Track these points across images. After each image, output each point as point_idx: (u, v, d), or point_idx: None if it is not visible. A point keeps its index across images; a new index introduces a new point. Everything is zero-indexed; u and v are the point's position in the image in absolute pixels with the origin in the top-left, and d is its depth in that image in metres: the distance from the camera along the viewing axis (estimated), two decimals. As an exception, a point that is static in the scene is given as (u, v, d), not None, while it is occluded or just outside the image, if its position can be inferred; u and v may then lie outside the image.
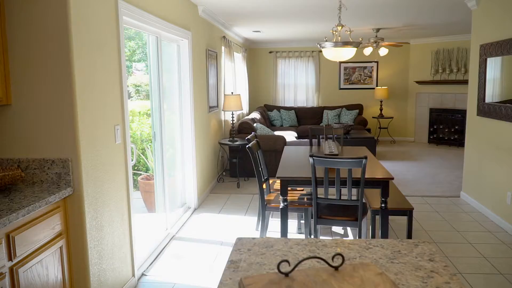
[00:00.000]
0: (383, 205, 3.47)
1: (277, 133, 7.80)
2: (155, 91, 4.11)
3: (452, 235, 4.32)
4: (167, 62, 4.51)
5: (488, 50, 4.70)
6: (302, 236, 4.32)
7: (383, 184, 3.43)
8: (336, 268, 1.24)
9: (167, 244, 4.12)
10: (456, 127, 9.39)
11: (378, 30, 7.74)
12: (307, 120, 10.03)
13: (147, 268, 3.60)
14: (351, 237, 4.28)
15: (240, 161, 6.42)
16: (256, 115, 8.34)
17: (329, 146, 4.15)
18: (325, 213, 3.55)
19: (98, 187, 2.75)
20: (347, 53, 3.84)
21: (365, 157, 3.21)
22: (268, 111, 9.91)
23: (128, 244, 3.22)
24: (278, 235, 4.30)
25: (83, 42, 2.55)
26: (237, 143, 6.28)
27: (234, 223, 4.70)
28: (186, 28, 4.81)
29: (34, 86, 2.46)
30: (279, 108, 10.10)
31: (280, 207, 3.56)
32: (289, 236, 4.24)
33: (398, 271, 1.40)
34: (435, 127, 9.80)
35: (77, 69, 2.48)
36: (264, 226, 3.95)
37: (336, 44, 3.78)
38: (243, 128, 6.89)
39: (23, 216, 2.08)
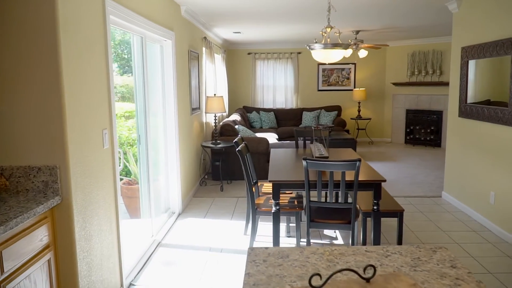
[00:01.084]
0: (375, 207, 3.46)
1: (258, 135, 7.74)
2: (140, 93, 3.98)
3: (438, 235, 4.36)
4: (150, 63, 4.37)
5: (470, 52, 4.78)
6: (291, 240, 4.27)
7: (375, 186, 3.42)
8: (367, 280, 1.18)
9: (153, 251, 3.99)
10: (432, 128, 9.59)
11: (357, 32, 7.80)
12: (287, 122, 10.02)
13: (134, 277, 3.46)
14: (340, 240, 4.26)
15: (223, 163, 6.33)
16: (236, 117, 8.25)
17: (318, 149, 4.12)
18: (317, 216, 3.51)
19: (87, 195, 2.61)
20: (336, 55, 3.82)
21: (359, 160, 3.19)
22: (248, 113, 9.84)
23: (116, 253, 3.09)
24: (267, 239, 4.23)
25: (70, 42, 2.41)
26: (220, 145, 6.18)
27: (221, 228, 4.60)
28: (170, 28, 4.69)
29: (19, 89, 2.30)
30: (258, 110, 10.05)
31: (273, 211, 3.49)
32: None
33: (424, 279, 1.35)
34: (411, 128, 9.97)
35: (65, 70, 2.34)
36: (254, 231, 3.88)
37: (326, 46, 3.75)
38: (225, 130, 6.80)
39: (11, 229, 1.93)
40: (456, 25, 5.27)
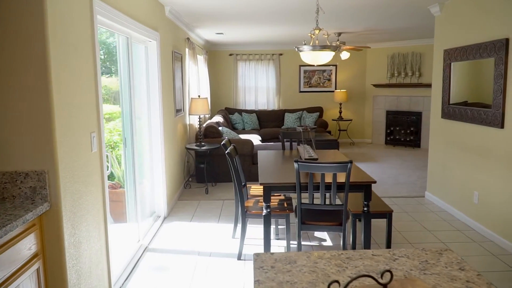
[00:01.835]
0: (365, 208, 3.47)
1: (241, 136, 7.70)
2: (126, 94, 3.88)
3: (424, 235, 4.42)
4: (134, 64, 4.28)
5: (453, 55, 4.87)
6: (281, 242, 4.24)
7: (366, 188, 3.43)
8: (385, 285, 1.17)
9: (140, 256, 3.90)
10: (412, 129, 9.74)
11: (339, 34, 7.86)
12: (269, 123, 10.02)
13: (123, 283, 3.37)
14: (329, 242, 4.26)
15: (207, 166, 6.26)
16: (219, 118, 8.19)
17: (307, 151, 4.11)
18: (308, 218, 3.50)
19: (76, 201, 2.52)
20: (325, 57, 3.82)
21: (351, 162, 3.20)
22: (230, 114, 9.79)
23: (105, 260, 3.00)
24: (256, 242, 4.20)
25: (59, 43, 2.32)
26: (204, 147, 6.11)
27: (209, 231, 4.54)
28: (155, 28, 4.60)
29: (5, 90, 2.20)
30: (240, 111, 10.01)
31: (263, 214, 3.46)
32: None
33: (436, 283, 1.35)
34: (391, 128, 10.11)
35: (54, 72, 2.25)
36: (244, 234, 3.83)
37: (315, 48, 3.75)
38: (209, 132, 6.73)
39: (0, 238, 1.84)
40: (438, 28, 5.36)
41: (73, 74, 2.51)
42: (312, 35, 3.92)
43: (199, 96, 6.54)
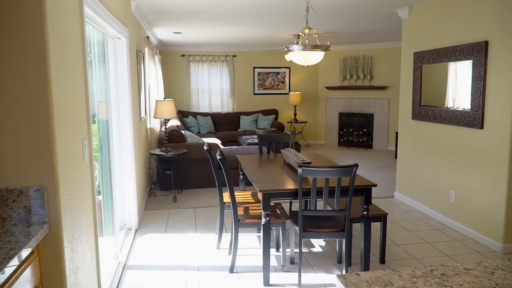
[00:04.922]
0: (365, 213, 3.40)
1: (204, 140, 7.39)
2: (101, 96, 3.48)
3: (407, 236, 4.45)
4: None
5: (424, 57, 4.98)
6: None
7: (366, 192, 3.36)
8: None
9: (121, 275, 3.51)
10: (364, 130, 10.00)
11: (299, 36, 7.83)
12: (224, 126, 9.78)
13: (109, 309, 3.00)
14: (318, 248, 4.14)
15: (173, 172, 5.90)
16: (177, 122, 7.82)
17: (295, 155, 3.96)
18: (308, 225, 3.35)
19: (73, 220, 2.16)
20: (316, 57, 3.70)
21: (356, 165, 3.10)
22: (184, 118, 9.42)
23: (96, 285, 2.62)
24: (246, 251, 3.97)
25: (56, 33, 1.96)
26: (170, 153, 5.75)
27: (189, 243, 4.23)
28: (125, 24, 4.21)
29: (-5, 91, 1.81)
30: (195, 114, 9.67)
31: (263, 223, 3.25)
32: (255, 252, 3.95)
33: (557, 299, 1.24)
34: (344, 130, 10.30)
35: (53, 66, 1.89)
36: (236, 245, 3.59)
37: (305, 48, 3.62)
38: (173, 136, 6.36)
39: (3, 273, 1.48)
40: (406, 31, 5.47)
41: (68, 71, 2.15)
42: (302, 34, 3.79)
43: (164, 98, 6.16)
